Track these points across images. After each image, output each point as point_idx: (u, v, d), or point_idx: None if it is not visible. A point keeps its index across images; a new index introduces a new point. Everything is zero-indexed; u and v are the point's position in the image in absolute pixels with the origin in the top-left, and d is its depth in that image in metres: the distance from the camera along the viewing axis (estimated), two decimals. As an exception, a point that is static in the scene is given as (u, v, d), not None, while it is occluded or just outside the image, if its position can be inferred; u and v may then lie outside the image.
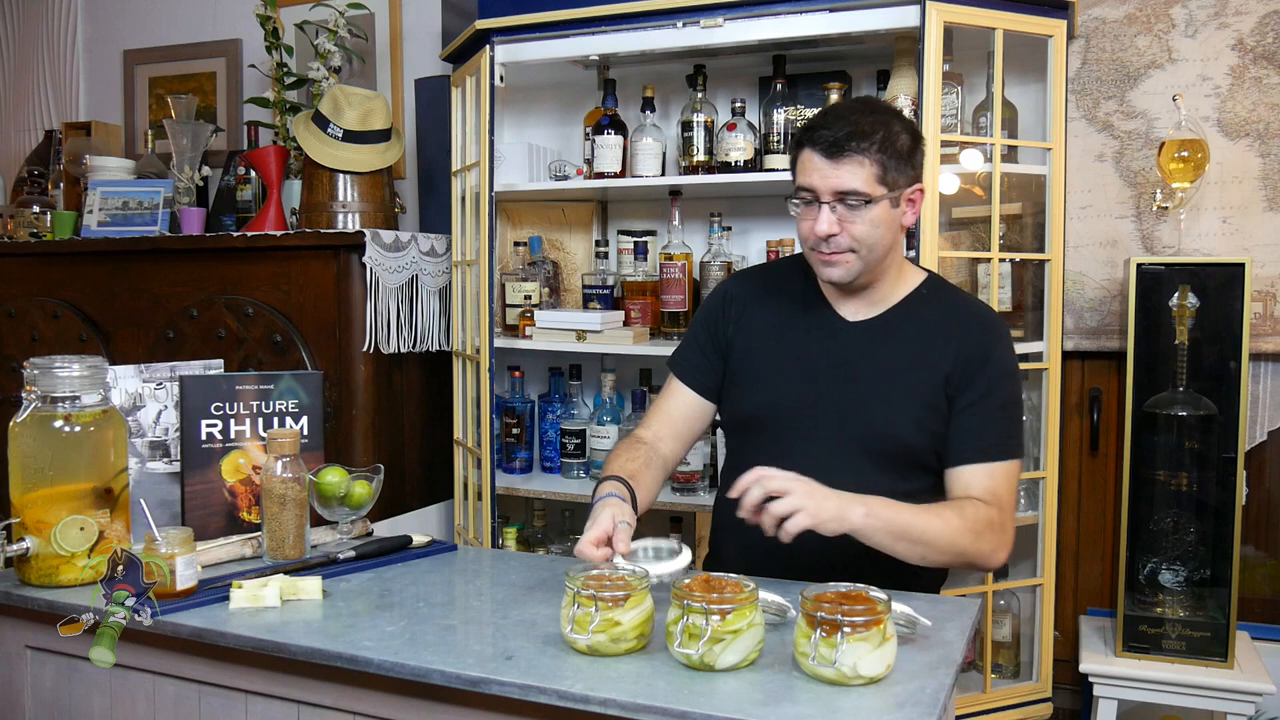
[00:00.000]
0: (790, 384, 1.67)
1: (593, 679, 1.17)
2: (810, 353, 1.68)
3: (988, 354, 1.62)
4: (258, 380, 1.81)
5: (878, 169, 1.54)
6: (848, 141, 1.52)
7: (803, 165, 1.58)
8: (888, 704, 1.12)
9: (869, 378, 1.64)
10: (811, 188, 1.56)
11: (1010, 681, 2.40)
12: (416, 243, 2.70)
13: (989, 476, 1.58)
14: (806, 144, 1.57)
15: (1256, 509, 2.43)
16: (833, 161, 1.53)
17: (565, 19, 2.40)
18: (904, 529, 1.45)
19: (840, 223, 1.55)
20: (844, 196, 1.54)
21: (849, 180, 1.53)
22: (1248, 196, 2.37)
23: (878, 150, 1.53)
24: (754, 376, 1.71)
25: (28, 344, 2.96)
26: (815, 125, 1.56)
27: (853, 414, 1.63)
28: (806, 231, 1.59)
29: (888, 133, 1.54)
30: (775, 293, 1.75)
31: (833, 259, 1.59)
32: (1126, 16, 2.45)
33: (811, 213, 1.58)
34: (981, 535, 1.51)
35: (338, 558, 1.63)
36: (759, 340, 1.72)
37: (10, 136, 3.80)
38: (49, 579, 1.51)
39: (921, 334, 1.64)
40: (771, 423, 1.68)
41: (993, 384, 1.61)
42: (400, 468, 2.73)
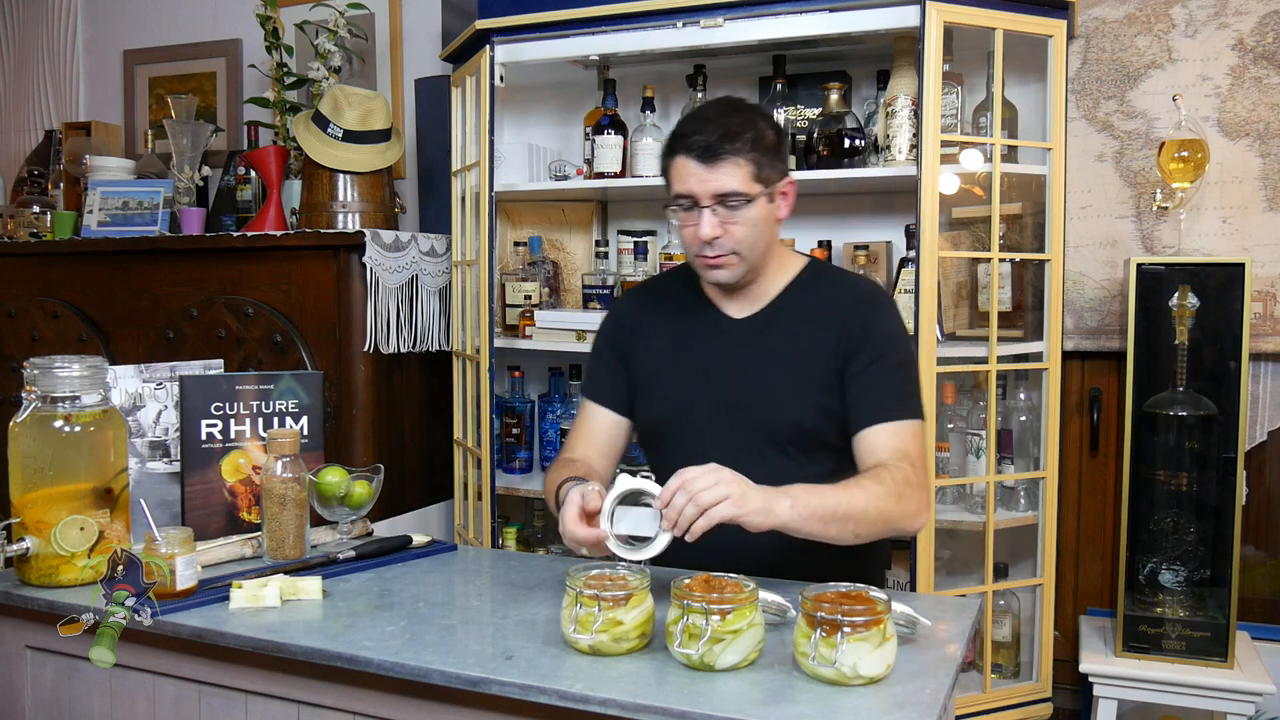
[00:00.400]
0: (688, 389, 1.70)
1: (593, 679, 1.17)
2: (703, 355, 1.71)
3: (871, 322, 1.64)
4: (258, 380, 1.81)
5: (753, 167, 1.56)
6: (721, 144, 1.54)
7: (678, 173, 1.59)
8: (888, 704, 1.12)
9: (761, 370, 1.67)
10: (690, 193, 1.58)
11: (1010, 681, 2.40)
12: (416, 243, 2.70)
13: (895, 435, 1.58)
14: (680, 151, 1.58)
15: (1256, 509, 2.43)
16: (709, 166, 1.55)
17: (565, 19, 2.40)
18: (832, 511, 1.43)
19: (722, 225, 1.58)
20: (724, 199, 1.56)
21: (727, 182, 1.55)
22: (1248, 196, 2.37)
23: (750, 149, 1.56)
24: (654, 387, 1.74)
25: (28, 344, 2.96)
26: (685, 132, 1.58)
27: (751, 408, 1.66)
28: (690, 237, 1.61)
29: (756, 131, 1.57)
30: (664, 304, 1.78)
31: (719, 261, 1.61)
32: (1126, 16, 2.45)
33: (692, 218, 1.59)
34: (904, 496, 1.50)
35: (338, 558, 1.63)
36: (655, 352, 1.75)
37: (10, 136, 3.80)
38: (49, 579, 1.51)
39: (806, 319, 1.67)
40: (676, 429, 1.72)
41: (881, 348, 1.63)
42: (400, 468, 2.73)
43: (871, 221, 2.65)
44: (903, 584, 2.40)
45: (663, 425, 1.74)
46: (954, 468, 2.39)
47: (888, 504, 1.48)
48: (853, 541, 1.48)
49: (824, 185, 2.51)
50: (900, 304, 2.29)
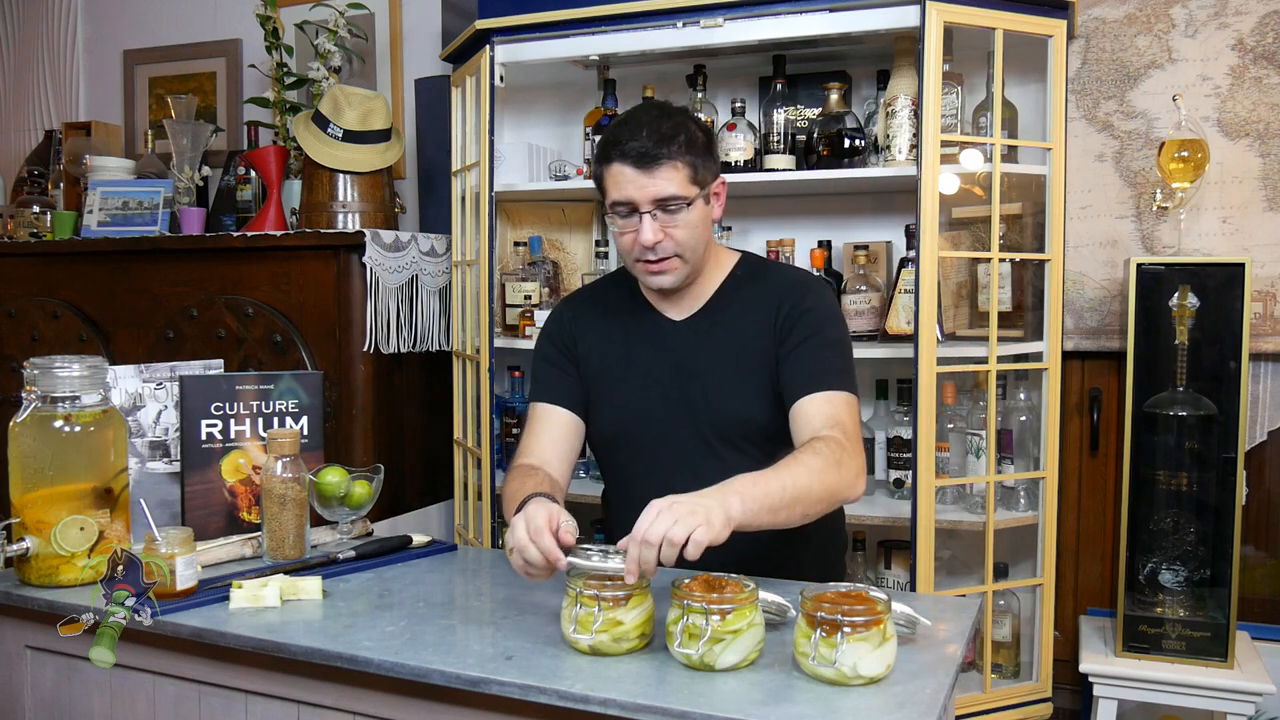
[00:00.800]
0: (638, 396, 1.70)
1: (592, 679, 1.17)
2: (648, 361, 1.71)
3: (804, 305, 1.65)
4: (258, 380, 1.81)
5: (689, 170, 1.57)
6: (658, 149, 1.54)
7: (615, 180, 1.59)
8: (888, 704, 1.12)
9: (708, 370, 1.67)
10: (629, 200, 1.57)
11: (1010, 681, 2.40)
12: (416, 243, 2.70)
13: (828, 403, 1.57)
14: (616, 159, 1.57)
15: (1256, 509, 2.43)
16: (647, 171, 1.55)
17: (565, 19, 2.40)
18: (779, 497, 1.37)
19: (663, 229, 1.58)
20: (663, 203, 1.56)
21: (666, 186, 1.56)
22: (1248, 196, 2.37)
23: (686, 152, 1.56)
24: (604, 397, 1.74)
25: (28, 344, 2.96)
26: (619, 139, 1.57)
27: (702, 408, 1.66)
28: (629, 244, 1.61)
29: (688, 134, 1.57)
30: (605, 312, 1.78)
31: (661, 267, 1.61)
32: (1126, 16, 2.45)
33: (632, 225, 1.59)
34: (842, 464, 1.47)
35: (338, 558, 1.63)
36: (600, 361, 1.74)
37: (10, 136, 3.80)
38: (49, 579, 1.51)
39: (744, 314, 1.68)
40: (630, 438, 1.71)
41: (814, 327, 1.64)
42: (400, 468, 2.73)
43: (871, 221, 2.65)
44: (903, 584, 2.40)
45: (616, 433, 1.74)
46: (954, 468, 2.39)
47: (829, 475, 1.44)
48: (801, 523, 1.43)
49: (824, 185, 2.51)
50: (900, 304, 2.29)
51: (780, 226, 2.70)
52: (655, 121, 1.57)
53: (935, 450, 2.19)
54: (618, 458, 1.76)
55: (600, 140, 1.63)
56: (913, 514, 2.17)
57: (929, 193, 2.14)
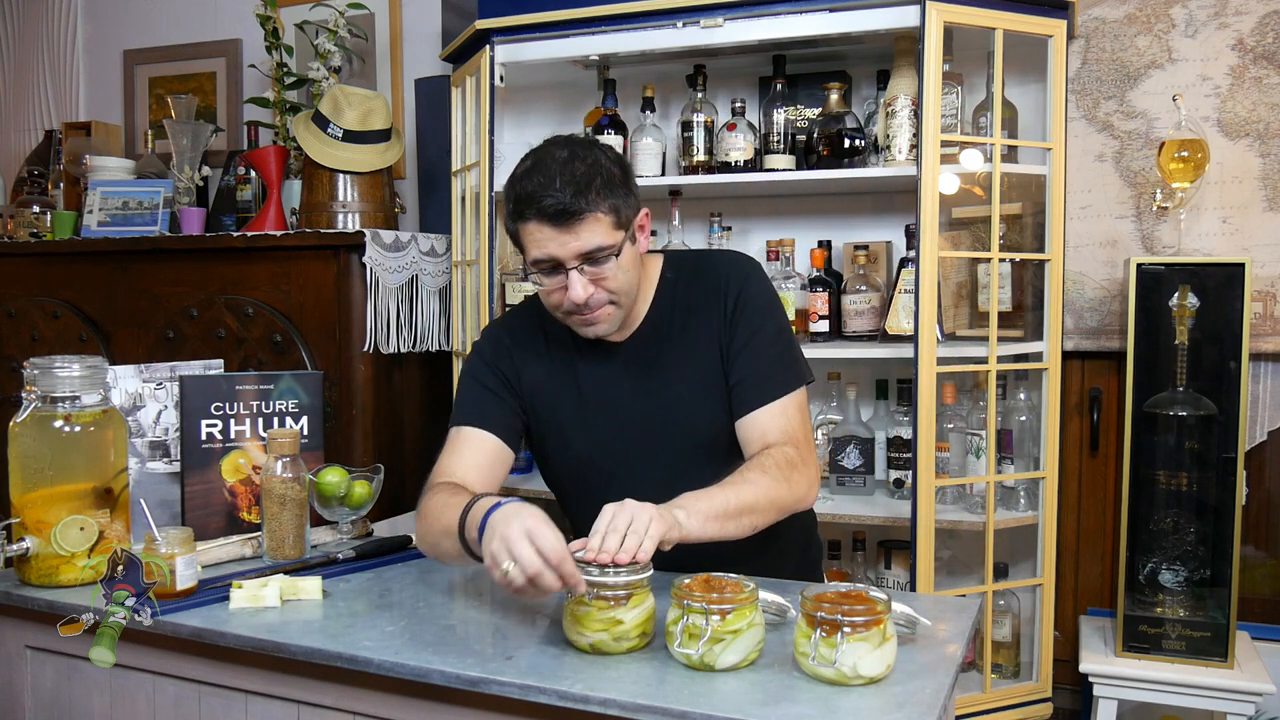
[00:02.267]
0: (599, 430, 1.61)
1: (592, 679, 1.17)
2: (599, 391, 1.62)
3: (742, 295, 1.58)
4: (258, 380, 1.81)
5: (612, 216, 1.46)
6: (576, 202, 1.43)
7: (531, 238, 1.47)
8: (888, 704, 1.12)
9: (662, 388, 1.60)
10: (552, 257, 1.46)
11: (1010, 681, 2.40)
12: (416, 243, 2.70)
13: (781, 415, 1.54)
14: (532, 217, 1.45)
15: (1256, 509, 2.43)
16: (567, 228, 1.44)
17: (565, 19, 2.40)
18: (723, 510, 1.37)
19: (592, 282, 1.47)
20: (589, 256, 1.46)
21: (590, 239, 1.45)
22: (1248, 196, 2.37)
23: (605, 196, 1.45)
24: (562, 434, 1.64)
25: (28, 344, 2.96)
26: (531, 193, 1.44)
27: (667, 431, 1.59)
28: (558, 301, 1.50)
29: (604, 174, 1.46)
30: (545, 342, 1.66)
31: (595, 318, 1.52)
32: (1126, 16, 2.45)
33: (558, 282, 1.48)
34: (791, 479, 1.46)
35: (338, 558, 1.63)
36: (551, 396, 1.64)
37: (10, 136, 3.80)
38: (49, 579, 1.51)
39: (687, 319, 1.61)
40: (597, 472, 1.62)
41: (756, 320, 1.57)
42: (400, 468, 2.73)
43: (871, 221, 2.65)
44: (903, 584, 2.40)
45: (581, 472, 1.64)
46: (954, 468, 2.39)
47: (777, 490, 1.44)
48: (751, 533, 1.44)
49: (824, 185, 2.52)
50: (900, 304, 2.29)
51: (780, 226, 2.70)
52: (565, 167, 1.44)
53: (935, 450, 2.19)
54: (585, 496, 1.62)
55: (509, 192, 1.50)
56: (913, 514, 2.17)
57: (929, 193, 2.14)
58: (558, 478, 1.72)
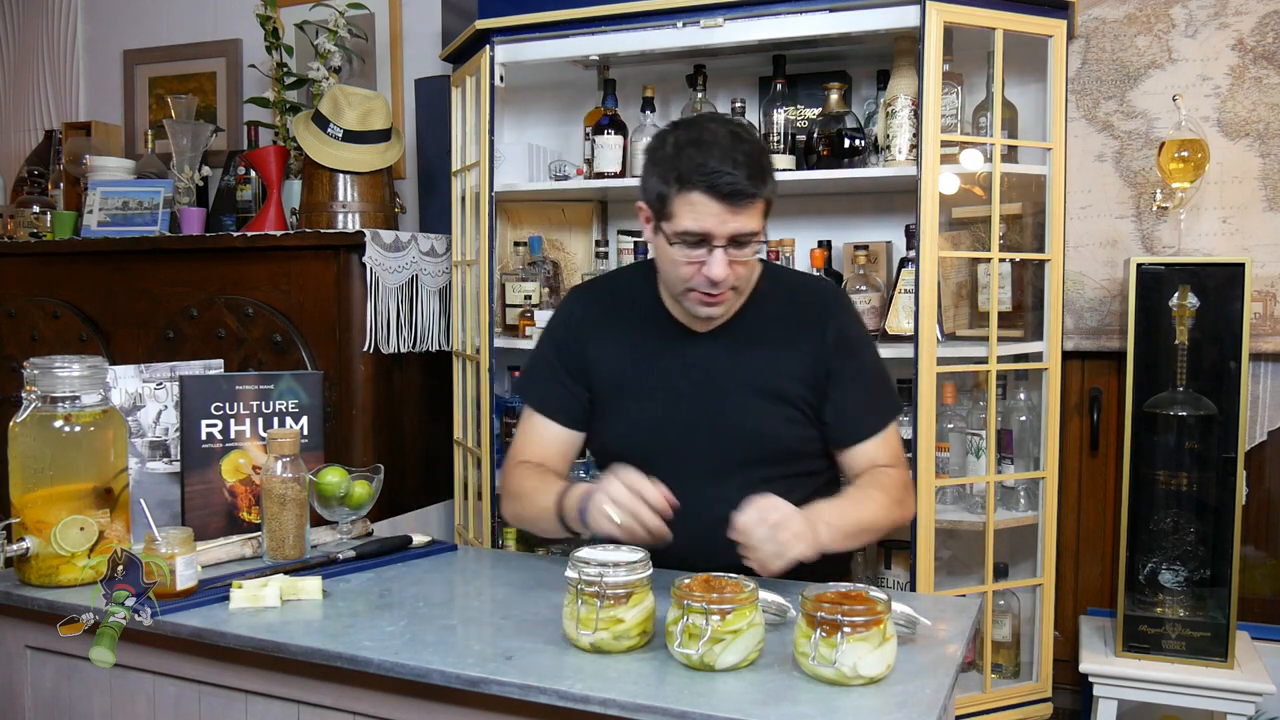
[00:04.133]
0: (656, 412, 1.62)
1: (593, 679, 1.17)
2: (670, 375, 1.62)
3: (843, 333, 1.63)
4: (258, 380, 1.81)
5: (766, 204, 1.50)
6: (752, 186, 1.44)
7: (691, 208, 1.46)
8: (888, 704, 1.12)
9: (734, 389, 1.60)
10: (706, 232, 1.46)
11: (1010, 681, 2.40)
12: (416, 243, 2.70)
13: (886, 444, 1.63)
14: (700, 189, 1.44)
15: (1256, 509, 2.43)
16: (734, 208, 1.45)
17: (565, 19, 2.40)
18: (855, 527, 1.49)
19: (730, 263, 1.49)
20: (738, 239, 1.48)
21: (748, 224, 1.47)
22: (1248, 196, 2.37)
23: (768, 185, 1.48)
24: (617, 409, 1.65)
25: (28, 344, 2.96)
26: (702, 167, 1.44)
27: (726, 430, 1.59)
28: (690, 274, 1.50)
29: (765, 160, 1.48)
30: (621, 314, 1.67)
31: (718, 299, 1.53)
32: (1126, 16, 2.45)
33: (698, 255, 1.48)
34: (903, 501, 1.58)
35: (338, 558, 1.63)
36: (614, 368, 1.65)
37: (10, 136, 3.80)
38: (49, 579, 1.51)
39: (773, 330, 1.62)
40: (644, 455, 1.59)
41: (858, 359, 1.63)
42: (400, 468, 2.73)
43: (871, 221, 2.65)
44: (903, 584, 2.40)
45: (626, 448, 1.62)
46: (954, 468, 2.39)
47: (894, 512, 1.55)
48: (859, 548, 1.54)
49: (824, 185, 2.51)
50: (900, 304, 2.29)
51: (780, 226, 2.70)
52: (736, 146, 1.45)
53: (935, 450, 2.19)
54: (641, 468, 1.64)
55: (669, 157, 1.48)
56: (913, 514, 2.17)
57: (929, 193, 2.14)
58: (605, 451, 1.72)
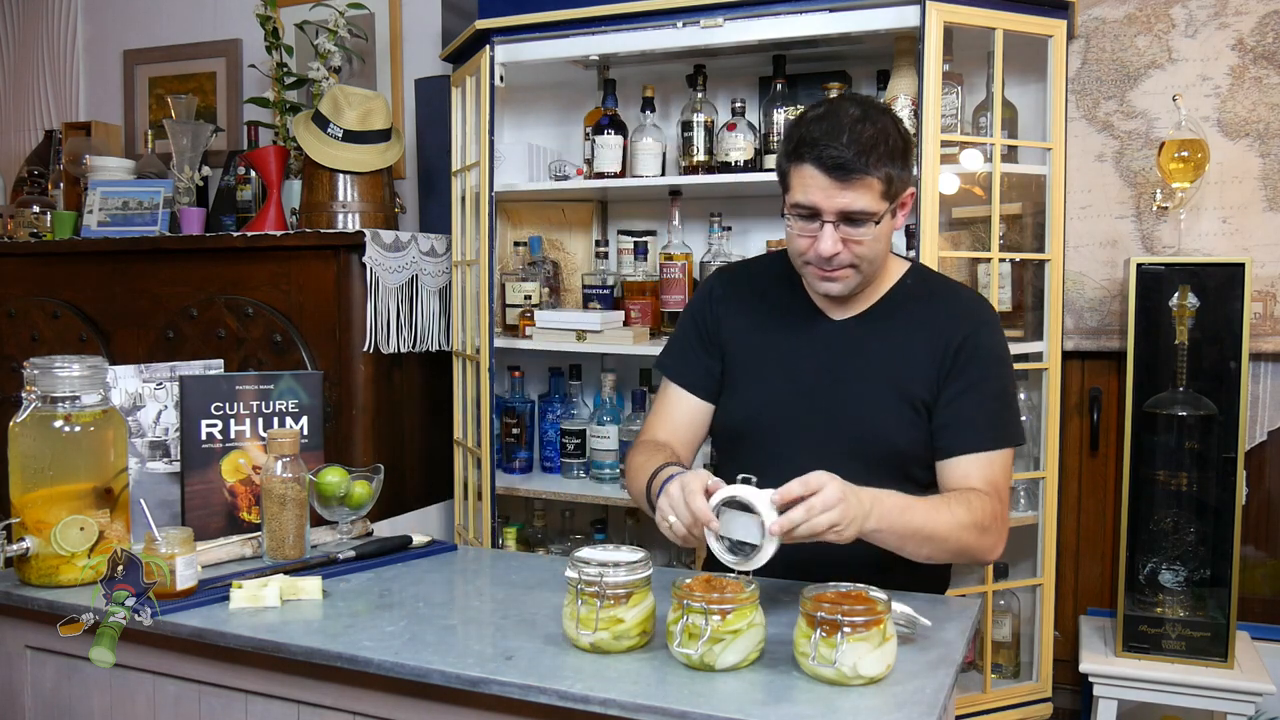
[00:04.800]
0: (776, 390, 1.62)
1: (593, 679, 1.17)
2: (796, 356, 1.62)
3: (977, 342, 1.57)
4: (258, 380, 1.81)
5: (883, 185, 1.46)
6: (857, 160, 1.43)
7: (802, 180, 1.47)
8: (888, 704, 1.12)
9: (857, 379, 1.58)
10: (814, 206, 1.47)
11: (1010, 681, 2.40)
12: (416, 243, 2.70)
13: (988, 465, 1.53)
14: (808, 160, 1.46)
15: (1256, 509, 2.43)
16: (840, 182, 1.44)
17: (565, 19, 2.40)
18: (910, 527, 1.39)
19: (844, 241, 1.48)
20: (850, 216, 1.47)
21: (856, 201, 1.45)
22: (1248, 196, 2.37)
23: (884, 164, 1.45)
24: (740, 384, 1.66)
25: (28, 344, 2.96)
26: (815, 138, 1.45)
27: (841, 419, 1.58)
28: (804, 247, 1.51)
29: (888, 143, 1.46)
30: (760, 293, 1.69)
31: (834, 275, 1.52)
32: (1126, 16, 2.45)
33: (811, 230, 1.49)
34: (986, 530, 1.46)
35: (338, 558, 1.63)
36: (744, 345, 1.66)
37: (10, 136, 3.80)
38: (49, 579, 1.51)
39: (908, 329, 1.60)
40: (758, 432, 1.63)
41: (985, 371, 1.56)
42: (400, 468, 2.73)
43: (871, 221, 2.64)
44: (903, 584, 2.40)
45: (743, 427, 1.65)
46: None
47: (969, 534, 1.44)
48: (924, 561, 1.44)
49: (824, 185, 2.51)
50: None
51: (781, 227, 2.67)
52: (856, 125, 1.44)
53: (935, 450, 2.19)
54: (741, 449, 1.65)
55: (793, 131, 1.50)
56: (913, 514, 2.17)
57: (929, 193, 2.14)
58: (720, 433, 1.73)
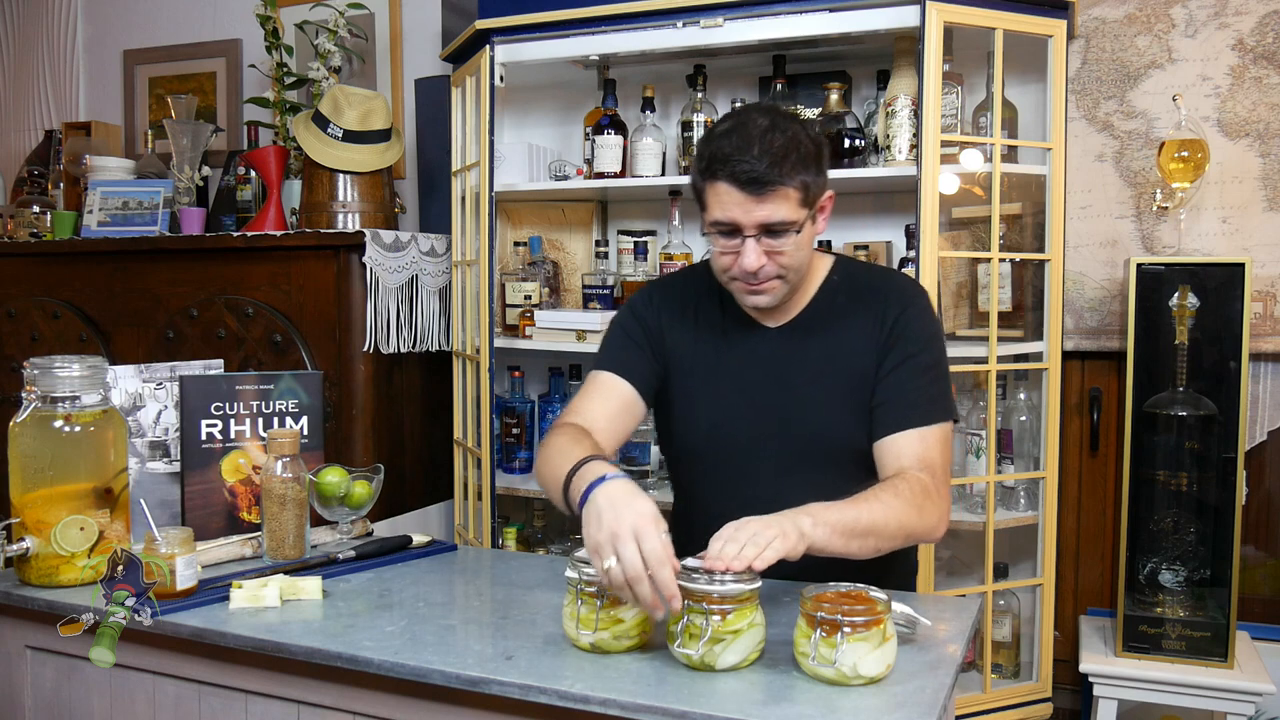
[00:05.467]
0: (729, 406, 1.61)
1: (593, 679, 1.17)
2: (741, 369, 1.61)
3: (906, 320, 1.57)
4: (258, 380, 1.81)
5: (800, 193, 1.45)
6: (770, 172, 1.42)
7: (718, 197, 1.46)
8: (888, 704, 1.12)
9: (805, 384, 1.58)
10: (733, 222, 1.46)
11: (1010, 681, 2.40)
12: (416, 243, 2.70)
13: (921, 442, 1.52)
14: (723, 176, 1.44)
15: (1256, 509, 2.43)
16: (757, 196, 1.43)
17: (565, 19, 2.40)
18: (851, 527, 1.35)
19: (767, 254, 1.47)
20: (770, 228, 1.46)
21: (776, 213, 1.44)
22: (1248, 196, 2.37)
23: (799, 172, 1.44)
24: (690, 402, 1.64)
25: (28, 344, 2.96)
26: (727, 154, 1.43)
27: (796, 426, 1.57)
28: (728, 264, 1.50)
29: (800, 150, 1.45)
30: (693, 310, 1.67)
31: (761, 288, 1.52)
32: (1126, 16, 2.45)
33: (733, 245, 1.48)
34: (923, 508, 1.44)
35: (338, 558, 1.63)
36: (688, 362, 1.64)
37: (10, 136, 3.80)
38: (49, 579, 1.51)
39: (843, 324, 1.59)
40: (717, 449, 1.62)
41: (913, 347, 1.55)
42: (400, 468, 2.73)
43: (871, 221, 2.65)
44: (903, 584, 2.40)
45: (702, 446, 1.64)
46: (954, 468, 2.38)
47: (907, 516, 1.42)
48: (873, 555, 1.42)
49: (824, 185, 2.51)
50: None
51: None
52: (766, 136, 1.43)
53: (935, 450, 2.19)
54: (699, 468, 1.65)
55: (704, 148, 1.48)
56: (913, 514, 2.17)
57: (929, 193, 2.14)
58: (676, 450, 1.69)
